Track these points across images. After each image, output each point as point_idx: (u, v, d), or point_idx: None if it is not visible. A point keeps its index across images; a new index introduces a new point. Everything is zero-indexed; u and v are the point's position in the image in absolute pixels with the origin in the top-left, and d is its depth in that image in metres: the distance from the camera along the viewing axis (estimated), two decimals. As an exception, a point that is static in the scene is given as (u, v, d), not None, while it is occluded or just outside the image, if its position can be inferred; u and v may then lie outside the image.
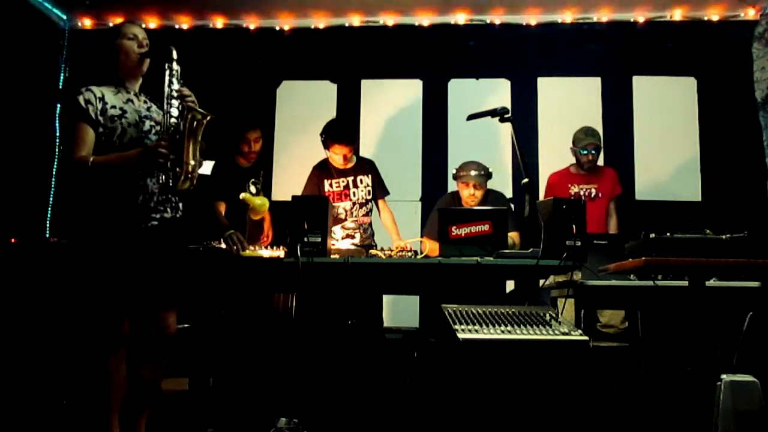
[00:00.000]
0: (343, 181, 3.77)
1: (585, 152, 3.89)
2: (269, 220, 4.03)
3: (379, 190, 3.85)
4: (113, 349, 2.28)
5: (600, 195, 3.95)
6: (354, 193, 3.77)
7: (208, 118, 2.39)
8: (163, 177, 2.35)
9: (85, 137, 2.33)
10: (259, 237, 3.88)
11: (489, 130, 3.80)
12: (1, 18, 4.12)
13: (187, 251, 2.66)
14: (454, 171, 3.75)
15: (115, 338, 2.28)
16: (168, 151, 2.30)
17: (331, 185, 3.76)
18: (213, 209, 3.68)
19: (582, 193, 3.95)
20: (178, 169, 2.34)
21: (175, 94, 2.40)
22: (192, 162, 2.36)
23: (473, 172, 3.64)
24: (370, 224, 3.85)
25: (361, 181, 3.79)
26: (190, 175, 2.35)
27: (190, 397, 3.05)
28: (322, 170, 3.80)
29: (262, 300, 3.50)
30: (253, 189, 3.23)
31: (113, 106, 2.39)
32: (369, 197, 3.81)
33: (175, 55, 2.46)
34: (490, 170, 3.70)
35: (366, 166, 3.84)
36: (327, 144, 3.69)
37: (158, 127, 2.44)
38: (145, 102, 2.53)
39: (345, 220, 3.75)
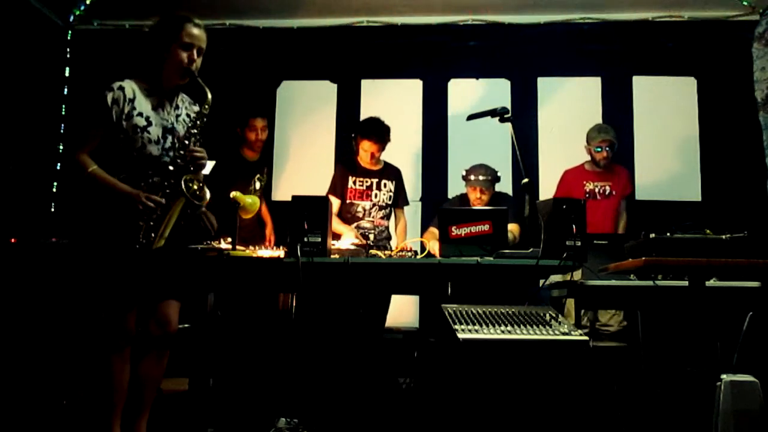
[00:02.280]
0: (366, 181, 3.78)
1: (599, 150, 3.91)
2: (271, 225, 4.02)
3: (401, 199, 3.89)
4: (118, 347, 2.27)
5: (614, 193, 3.97)
6: (376, 195, 3.79)
7: (185, 200, 2.30)
8: (140, 237, 2.25)
9: (94, 140, 2.28)
10: (257, 238, 3.87)
11: (489, 130, 3.79)
12: (2, 18, 4.13)
13: (188, 251, 2.65)
14: (464, 172, 3.76)
15: (121, 336, 2.27)
16: (152, 212, 2.24)
17: (354, 183, 3.78)
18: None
19: (597, 190, 3.97)
20: (153, 234, 2.25)
21: (184, 152, 2.31)
22: (167, 234, 2.27)
23: (481, 177, 3.67)
24: (387, 228, 3.88)
25: (385, 185, 3.81)
26: (162, 238, 2.27)
27: (190, 397, 3.05)
28: (347, 166, 3.82)
29: (263, 300, 3.50)
30: (258, 185, 3.22)
31: (140, 113, 2.30)
32: (389, 202, 3.83)
33: (208, 102, 2.35)
34: (499, 174, 3.72)
35: (392, 173, 3.87)
36: (357, 140, 3.72)
37: (178, 144, 2.35)
38: (176, 108, 2.43)
39: (362, 219, 3.76)
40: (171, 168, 2.31)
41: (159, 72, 2.36)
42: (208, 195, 2.38)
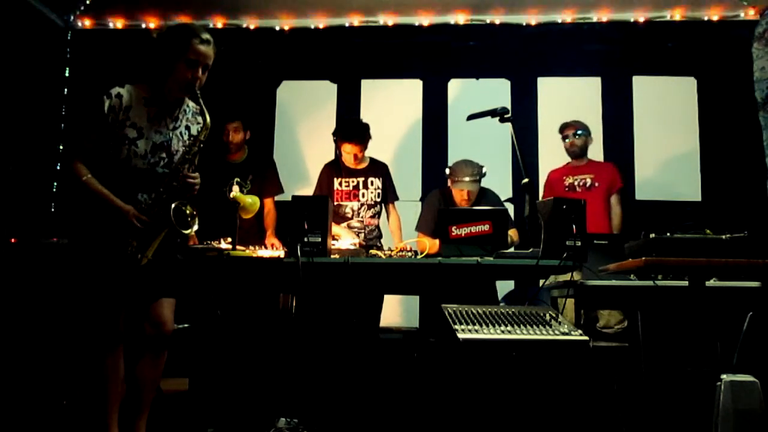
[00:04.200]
0: (353, 181, 3.77)
1: (567, 138, 3.96)
2: (271, 231, 3.97)
3: (390, 194, 3.86)
4: (110, 346, 2.27)
5: (597, 185, 3.94)
6: (363, 194, 3.77)
7: (170, 228, 2.29)
8: (128, 252, 2.25)
9: (89, 147, 2.27)
10: (256, 238, 3.86)
11: (489, 130, 3.79)
12: (2, 18, 4.13)
13: (184, 251, 2.65)
14: (448, 170, 3.73)
15: (112, 335, 2.27)
16: (138, 232, 2.23)
17: (340, 184, 3.77)
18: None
19: (576, 183, 3.96)
20: (140, 254, 2.24)
21: (178, 176, 2.30)
22: (150, 254, 2.26)
23: (467, 178, 3.61)
24: (377, 226, 3.85)
25: (372, 183, 3.79)
26: (146, 258, 2.26)
27: (190, 397, 3.05)
28: (333, 168, 3.81)
29: (263, 300, 3.50)
30: (236, 188, 3.20)
31: (133, 124, 2.28)
32: (378, 200, 3.81)
33: (207, 126, 2.33)
34: (484, 170, 3.68)
35: (378, 169, 3.84)
36: (338, 142, 3.70)
37: (168, 159, 2.34)
38: (176, 119, 2.39)
39: (351, 219, 3.75)
40: (161, 190, 2.30)
41: (162, 84, 2.34)
42: (196, 226, 2.36)
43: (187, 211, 2.33)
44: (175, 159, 2.35)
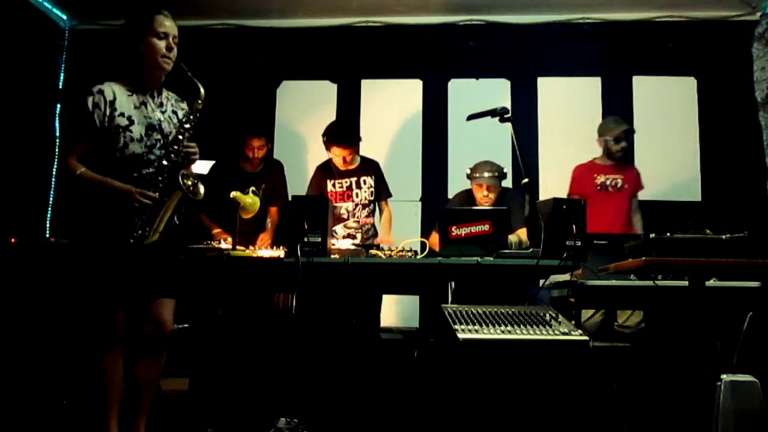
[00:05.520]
0: (345, 182, 3.77)
1: (618, 140, 3.90)
2: (271, 231, 3.99)
3: (383, 192, 3.86)
4: (109, 346, 2.27)
5: (626, 186, 3.95)
6: (357, 194, 3.77)
7: (179, 195, 2.31)
8: (133, 231, 2.26)
9: (80, 145, 2.29)
10: (256, 238, 3.87)
11: (489, 130, 3.79)
12: (1, 18, 4.13)
13: (184, 251, 2.65)
14: (468, 171, 3.73)
15: (111, 334, 2.27)
16: (145, 207, 2.25)
17: (333, 185, 3.77)
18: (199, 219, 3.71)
19: (608, 183, 3.94)
20: (147, 228, 2.26)
21: (178, 147, 2.32)
22: (161, 228, 2.29)
23: (486, 174, 3.61)
24: (373, 225, 3.85)
25: (365, 182, 3.79)
26: (156, 232, 2.29)
27: (190, 397, 3.05)
28: (325, 170, 3.80)
29: (263, 300, 3.50)
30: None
31: (121, 114, 2.30)
32: (372, 198, 3.81)
33: (201, 97, 2.37)
34: (505, 170, 3.68)
35: (369, 168, 3.84)
36: (327, 145, 3.69)
37: (164, 141, 2.36)
38: (160, 105, 2.42)
39: (347, 219, 3.75)
40: (165, 163, 2.32)
41: (139, 69, 2.36)
42: (202, 190, 2.39)
43: (190, 182, 2.35)
44: (169, 140, 2.36)
